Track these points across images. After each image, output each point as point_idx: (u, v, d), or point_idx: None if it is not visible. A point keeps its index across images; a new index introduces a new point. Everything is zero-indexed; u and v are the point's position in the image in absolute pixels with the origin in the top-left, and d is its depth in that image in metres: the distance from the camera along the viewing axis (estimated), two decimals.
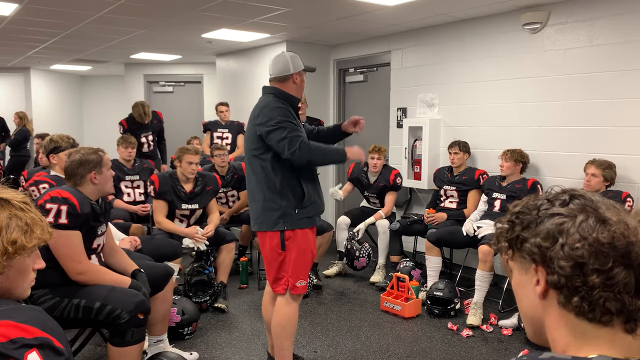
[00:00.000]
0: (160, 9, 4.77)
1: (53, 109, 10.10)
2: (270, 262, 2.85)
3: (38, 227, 1.24)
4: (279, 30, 5.70)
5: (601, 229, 0.80)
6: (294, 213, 2.74)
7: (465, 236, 4.31)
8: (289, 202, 2.73)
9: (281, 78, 2.80)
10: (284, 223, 2.74)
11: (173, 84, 8.85)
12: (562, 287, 0.82)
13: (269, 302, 3.03)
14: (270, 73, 2.84)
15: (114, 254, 2.89)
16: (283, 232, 2.76)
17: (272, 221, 2.75)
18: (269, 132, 2.66)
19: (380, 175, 4.99)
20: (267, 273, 2.92)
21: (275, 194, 2.72)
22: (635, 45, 3.88)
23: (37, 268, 1.31)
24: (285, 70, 2.80)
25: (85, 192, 2.66)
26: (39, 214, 1.27)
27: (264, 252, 2.88)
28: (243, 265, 4.75)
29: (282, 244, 2.77)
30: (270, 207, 2.74)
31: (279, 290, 2.87)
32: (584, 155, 4.03)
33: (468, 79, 5.03)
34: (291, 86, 2.81)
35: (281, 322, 2.86)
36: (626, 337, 0.82)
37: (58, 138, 3.65)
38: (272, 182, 2.72)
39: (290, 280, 2.81)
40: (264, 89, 2.86)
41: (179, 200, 4.22)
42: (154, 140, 6.06)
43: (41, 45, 6.80)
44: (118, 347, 2.52)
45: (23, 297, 1.29)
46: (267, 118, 2.68)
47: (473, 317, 3.87)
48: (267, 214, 2.75)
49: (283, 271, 2.83)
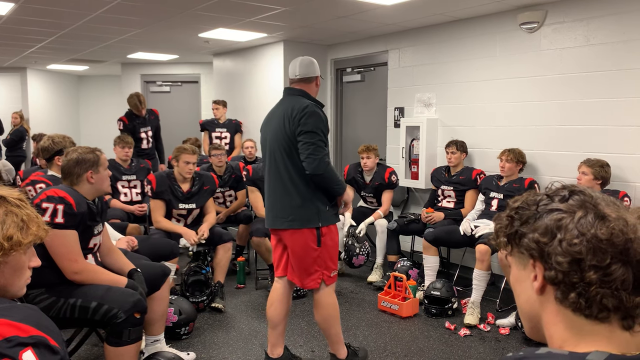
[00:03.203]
0: (157, 9, 4.76)
1: (50, 109, 10.07)
2: (302, 258, 2.89)
3: (34, 224, 1.24)
4: (276, 30, 5.69)
5: (600, 225, 0.80)
6: (326, 210, 2.86)
7: (462, 235, 4.31)
8: (322, 199, 2.85)
9: (307, 79, 2.91)
10: (319, 220, 2.84)
11: (170, 83, 8.84)
12: (559, 283, 0.82)
13: (279, 300, 3.06)
14: (297, 74, 2.91)
15: (110, 253, 2.88)
16: (319, 228, 2.85)
17: (308, 218, 2.83)
18: (304, 133, 2.74)
19: (376, 174, 4.99)
20: (296, 270, 2.93)
21: (312, 191, 2.82)
22: (632, 44, 3.89)
23: (32, 266, 1.30)
24: (312, 72, 2.92)
25: (81, 191, 2.65)
26: (34, 211, 1.27)
27: (294, 249, 2.90)
28: (240, 265, 4.75)
29: (318, 240, 2.86)
30: (307, 204, 2.82)
31: (311, 285, 2.93)
32: (580, 155, 4.04)
33: (465, 78, 5.03)
34: (314, 88, 2.95)
35: (331, 313, 2.98)
36: (623, 333, 0.81)
37: (61, 139, 3.61)
38: (309, 180, 2.80)
39: (325, 273, 2.92)
40: (290, 90, 2.94)
41: (176, 200, 4.21)
42: (152, 136, 6.05)
43: (37, 45, 6.78)
44: (115, 347, 2.51)
45: (19, 295, 1.28)
46: (312, 124, 2.75)
47: (470, 316, 3.87)
48: (302, 212, 2.82)
49: (317, 265, 2.90)
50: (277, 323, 3.06)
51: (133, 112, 5.89)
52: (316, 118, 2.77)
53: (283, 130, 2.82)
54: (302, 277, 2.94)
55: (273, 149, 2.88)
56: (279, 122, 2.85)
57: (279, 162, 2.86)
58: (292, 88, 2.93)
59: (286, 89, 2.98)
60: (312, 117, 2.76)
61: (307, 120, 2.75)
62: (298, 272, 2.94)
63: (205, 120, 6.73)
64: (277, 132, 2.86)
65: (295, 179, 2.82)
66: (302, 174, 2.80)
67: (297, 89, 2.92)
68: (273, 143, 2.88)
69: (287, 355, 3.15)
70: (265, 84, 6.67)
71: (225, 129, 6.59)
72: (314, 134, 2.75)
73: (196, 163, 4.30)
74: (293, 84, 2.94)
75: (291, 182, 2.83)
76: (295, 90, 2.92)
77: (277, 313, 3.04)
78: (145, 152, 5.94)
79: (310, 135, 2.74)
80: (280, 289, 3.07)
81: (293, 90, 2.92)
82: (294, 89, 2.92)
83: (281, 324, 3.07)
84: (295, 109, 2.79)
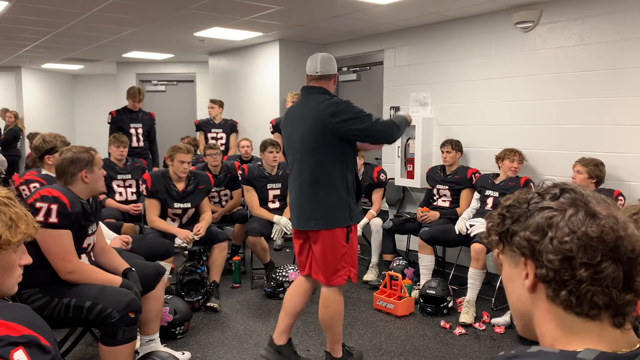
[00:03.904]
0: (152, 7, 4.75)
1: (44, 108, 10.04)
2: (332, 256, 2.90)
3: (23, 222, 1.23)
4: (272, 29, 5.69)
5: (590, 223, 0.80)
6: (354, 208, 2.91)
7: (457, 235, 4.31)
8: (352, 197, 2.89)
9: (328, 76, 2.90)
10: (350, 218, 2.88)
11: (166, 83, 8.82)
12: (550, 281, 0.82)
13: (300, 294, 3.12)
14: (318, 70, 2.88)
15: (104, 253, 2.87)
16: (349, 226, 2.89)
17: (341, 217, 2.86)
18: (350, 121, 2.75)
19: (364, 174, 4.98)
20: (323, 268, 2.92)
21: (344, 190, 2.85)
22: (626, 44, 3.90)
23: (23, 264, 1.29)
24: (332, 69, 2.92)
25: (75, 191, 2.63)
26: (23, 209, 1.26)
27: (325, 247, 2.89)
28: (236, 265, 4.74)
29: (347, 237, 2.90)
30: (341, 203, 2.84)
31: (338, 281, 2.94)
32: (575, 154, 4.05)
33: (461, 77, 5.04)
34: (332, 85, 2.95)
35: (338, 311, 3.00)
36: (614, 331, 0.82)
37: (51, 138, 3.60)
38: (342, 179, 2.83)
39: (352, 270, 2.97)
40: (310, 88, 2.90)
41: (171, 199, 4.20)
42: (144, 134, 5.98)
43: (32, 44, 6.75)
44: (109, 347, 2.50)
45: (10, 293, 1.28)
46: (349, 111, 2.76)
47: (465, 315, 3.87)
48: (336, 211, 2.84)
49: (344, 262, 2.93)
50: (293, 314, 3.12)
51: (127, 107, 5.89)
52: (347, 104, 2.80)
53: (313, 130, 2.80)
54: (329, 274, 2.92)
55: (302, 151, 2.86)
56: (307, 123, 2.82)
57: (309, 163, 2.84)
58: (312, 87, 2.89)
59: (305, 87, 2.94)
60: (342, 104, 2.78)
61: (344, 110, 2.75)
62: (324, 270, 2.93)
63: (201, 121, 6.70)
64: (305, 134, 2.83)
65: (327, 179, 2.82)
66: (333, 174, 2.81)
67: (317, 87, 2.87)
68: (302, 145, 2.86)
69: (289, 346, 3.17)
70: (261, 83, 6.66)
71: (221, 130, 6.56)
72: (359, 119, 2.76)
73: (191, 162, 4.29)
74: (312, 81, 2.90)
75: (323, 182, 2.82)
76: (315, 88, 2.88)
77: (297, 306, 3.11)
78: (136, 152, 5.89)
79: (358, 121, 2.76)
80: (305, 284, 3.11)
81: (314, 89, 2.88)
82: (314, 87, 2.88)
83: (295, 315, 3.15)
84: (323, 106, 2.78)
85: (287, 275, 4.40)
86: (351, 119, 2.75)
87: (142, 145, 5.96)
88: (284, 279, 4.38)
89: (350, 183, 2.86)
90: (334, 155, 2.81)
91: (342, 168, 2.83)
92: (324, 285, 2.96)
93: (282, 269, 4.44)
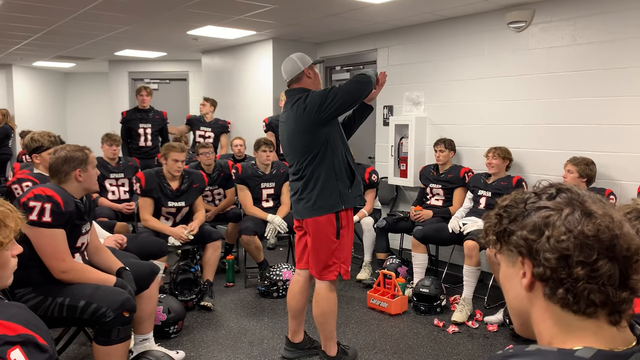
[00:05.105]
0: (144, 6, 4.72)
1: (36, 106, 9.95)
2: (323, 250, 2.95)
3: (11, 220, 1.22)
4: (265, 28, 5.68)
5: (586, 222, 0.81)
6: (348, 192, 2.94)
7: (451, 233, 4.33)
8: (343, 182, 2.92)
9: (295, 78, 3.00)
10: (341, 202, 2.91)
11: (158, 81, 8.78)
12: (547, 279, 0.83)
13: (300, 292, 3.18)
14: (285, 78, 3.03)
15: (98, 252, 2.86)
16: (339, 215, 2.92)
17: (329, 204, 2.90)
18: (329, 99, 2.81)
19: None
20: (315, 262, 2.99)
21: (332, 176, 2.89)
22: (618, 44, 3.93)
23: (15, 254, 1.29)
24: (295, 69, 2.99)
25: (69, 189, 2.62)
26: (9, 205, 1.25)
27: (313, 238, 2.96)
28: (229, 264, 4.74)
29: (337, 233, 2.94)
30: (328, 189, 2.89)
31: (329, 277, 2.99)
32: (567, 153, 4.07)
33: (454, 77, 5.05)
34: (307, 81, 3.00)
35: (330, 307, 3.05)
36: (611, 328, 0.83)
37: (39, 137, 3.58)
38: (329, 165, 2.89)
39: (342, 266, 3.00)
40: (289, 92, 3.03)
41: (165, 198, 4.19)
42: (153, 134, 6.00)
43: (23, 42, 6.70)
44: (103, 346, 2.50)
45: (5, 285, 1.29)
46: (318, 99, 2.83)
47: (459, 313, 3.89)
48: (323, 198, 2.89)
49: (335, 258, 2.97)
50: (299, 313, 3.20)
51: (137, 106, 5.95)
52: (311, 94, 2.88)
53: (294, 131, 2.94)
54: (319, 269, 3.00)
55: (289, 149, 3.02)
56: (289, 126, 2.98)
57: (296, 159, 2.97)
58: (291, 90, 3.04)
59: (286, 92, 3.09)
60: (308, 97, 2.87)
61: (316, 101, 2.84)
62: (316, 264, 3.00)
63: (193, 116, 6.68)
64: (290, 135, 2.98)
65: (314, 169, 2.90)
66: (321, 164, 2.88)
67: (294, 89, 3.02)
68: (288, 144, 3.02)
69: (307, 339, 3.30)
70: (254, 82, 6.65)
71: (210, 129, 6.51)
72: (328, 98, 2.81)
73: (185, 161, 4.28)
74: (289, 87, 3.07)
75: (314, 173, 2.90)
76: (293, 90, 3.02)
77: (300, 305, 3.18)
78: (144, 151, 5.88)
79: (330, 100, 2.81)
80: (302, 281, 3.17)
81: (292, 92, 3.03)
82: (292, 90, 3.03)
83: (302, 313, 3.21)
84: (296, 107, 2.92)
85: (281, 274, 4.40)
86: (323, 102, 2.83)
87: (151, 144, 5.97)
88: (277, 278, 4.38)
89: (338, 168, 2.91)
90: (316, 145, 2.89)
91: (328, 155, 2.90)
92: (318, 280, 3.03)
93: (276, 268, 4.44)
